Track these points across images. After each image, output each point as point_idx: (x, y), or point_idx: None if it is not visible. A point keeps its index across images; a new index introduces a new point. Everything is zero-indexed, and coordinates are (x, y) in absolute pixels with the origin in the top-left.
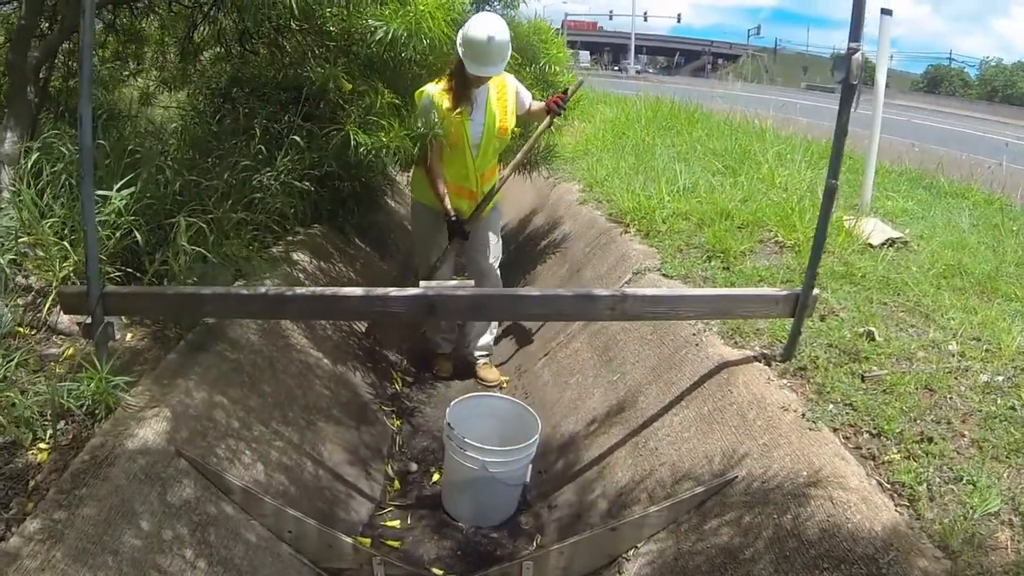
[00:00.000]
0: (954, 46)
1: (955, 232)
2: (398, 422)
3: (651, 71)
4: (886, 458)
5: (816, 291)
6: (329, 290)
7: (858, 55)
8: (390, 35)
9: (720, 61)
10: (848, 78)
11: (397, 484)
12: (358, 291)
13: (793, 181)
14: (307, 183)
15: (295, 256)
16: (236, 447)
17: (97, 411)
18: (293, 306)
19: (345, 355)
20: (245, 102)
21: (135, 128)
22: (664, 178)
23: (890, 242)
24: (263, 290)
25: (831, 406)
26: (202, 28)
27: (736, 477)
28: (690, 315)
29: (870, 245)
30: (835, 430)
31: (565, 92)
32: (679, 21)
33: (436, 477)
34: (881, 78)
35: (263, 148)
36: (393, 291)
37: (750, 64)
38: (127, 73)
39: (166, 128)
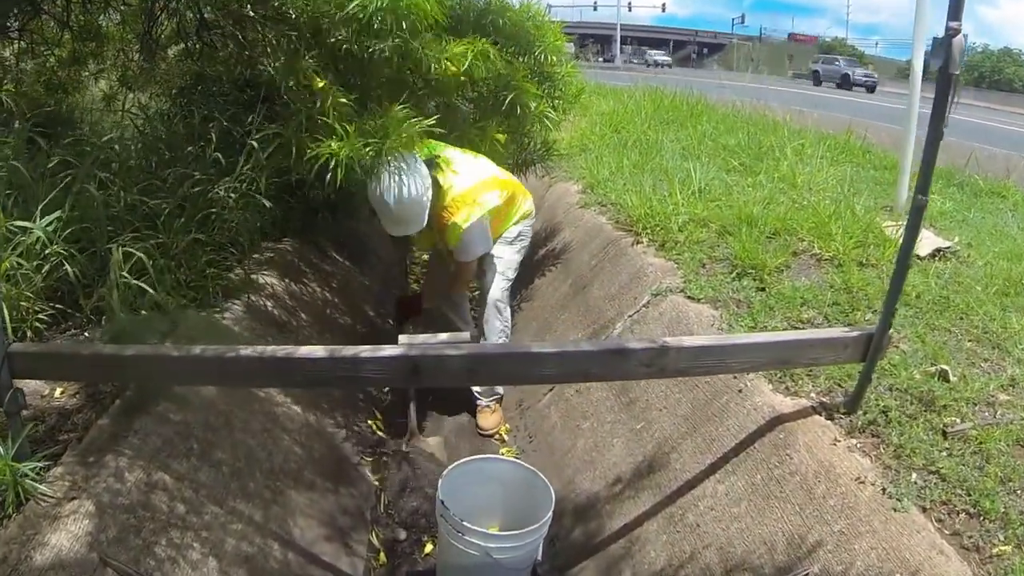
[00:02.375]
0: (939, 32)
1: (1006, 240)
2: (382, 476)
3: (635, 61)
4: (994, 550)
5: (891, 329)
6: (282, 351)
7: (959, 37)
8: (368, 13)
9: (705, 50)
10: (948, 66)
11: (383, 557)
12: (319, 351)
13: (816, 180)
14: (273, 193)
15: (260, 279)
16: (181, 541)
17: (6, 501)
18: (235, 371)
19: (318, 397)
20: (204, 103)
21: (90, 136)
22: (676, 178)
23: (938, 252)
24: (198, 351)
25: (914, 475)
26: (163, 21)
27: (807, 575)
28: (744, 367)
29: (917, 257)
30: (925, 510)
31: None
32: (664, 11)
33: (429, 548)
34: (918, 63)
35: (220, 156)
36: (365, 351)
37: (736, 52)
38: (88, 74)
39: (115, 136)
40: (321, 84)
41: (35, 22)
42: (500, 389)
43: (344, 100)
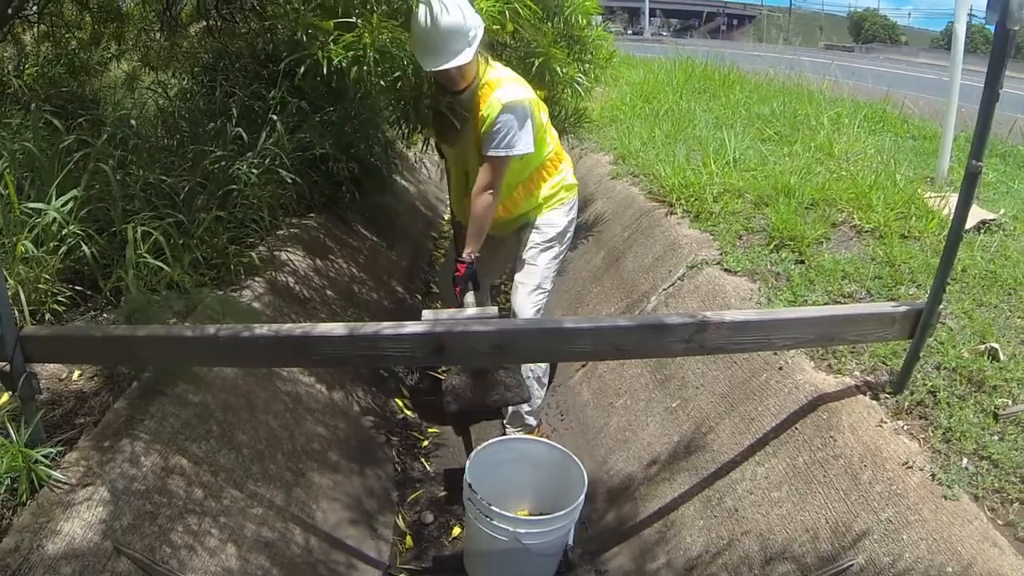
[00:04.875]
0: (973, 2)
1: None
2: (412, 458)
3: (665, 33)
4: None
5: (941, 306)
6: (299, 329)
7: None
8: None
9: (735, 22)
10: (1006, 20)
11: (409, 541)
12: (338, 329)
13: (853, 150)
14: (297, 168)
15: (284, 256)
16: (199, 527)
17: (19, 487)
18: (251, 351)
19: (342, 375)
20: (226, 79)
21: (109, 114)
22: (710, 148)
23: (983, 224)
24: (212, 331)
25: (965, 460)
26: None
27: (852, 566)
28: (788, 344)
29: None
30: (977, 498)
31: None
32: None
33: (457, 531)
34: (961, 28)
35: (242, 132)
36: (387, 328)
37: (766, 23)
38: (110, 55)
39: (134, 113)
40: (330, 24)
41: (54, 5)
42: (532, 420)
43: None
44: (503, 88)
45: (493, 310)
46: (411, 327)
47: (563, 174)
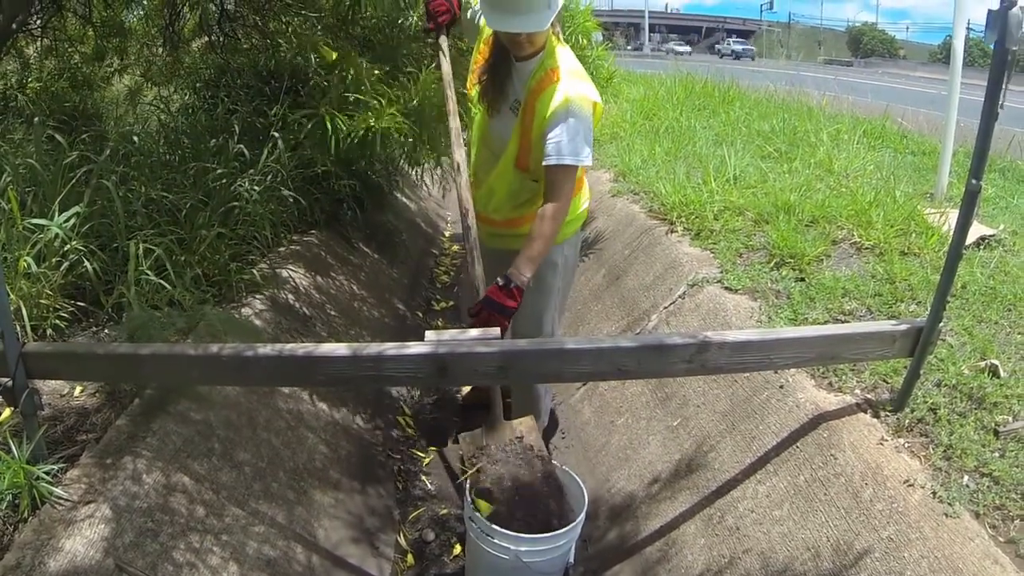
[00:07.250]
0: (971, 15)
1: None
2: (413, 476)
3: (663, 49)
4: None
5: (941, 323)
6: (302, 349)
7: (1016, 9)
8: None
9: (734, 37)
10: (1006, 41)
11: (411, 559)
12: (341, 349)
13: (853, 166)
14: (298, 185)
15: (285, 273)
16: (201, 544)
17: (20, 504)
18: (255, 370)
19: (344, 394)
20: (228, 96)
21: (110, 130)
22: (710, 165)
23: (983, 240)
24: (215, 349)
25: (966, 478)
26: (185, 14)
27: None
28: (789, 363)
29: None
30: (978, 516)
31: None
32: None
33: (459, 549)
34: (959, 44)
35: (244, 149)
36: (390, 349)
37: (766, 39)
38: (113, 70)
39: (137, 129)
40: (335, 56)
41: (57, 19)
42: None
43: (377, 72)
44: (569, 82)
45: (495, 331)
46: (414, 348)
47: (584, 199)
